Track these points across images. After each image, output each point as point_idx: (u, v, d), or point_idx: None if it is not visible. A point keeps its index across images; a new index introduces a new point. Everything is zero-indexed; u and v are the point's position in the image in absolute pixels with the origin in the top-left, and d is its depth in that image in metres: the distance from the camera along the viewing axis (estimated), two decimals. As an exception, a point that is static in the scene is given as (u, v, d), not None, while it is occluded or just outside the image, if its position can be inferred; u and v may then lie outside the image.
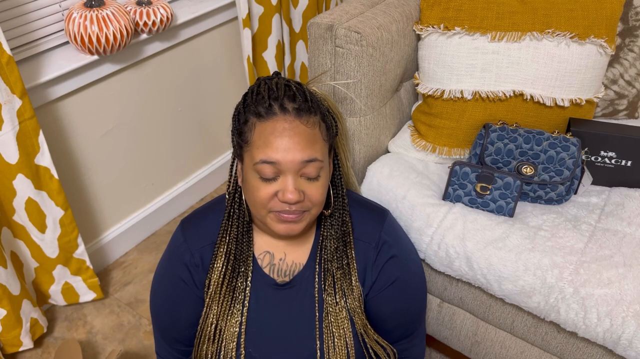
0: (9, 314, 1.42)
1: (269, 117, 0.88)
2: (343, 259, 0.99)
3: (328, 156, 0.94)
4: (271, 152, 0.86)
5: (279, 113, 0.88)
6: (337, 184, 1.01)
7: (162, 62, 1.75)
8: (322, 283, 0.99)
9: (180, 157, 1.98)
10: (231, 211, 1.00)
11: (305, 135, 0.87)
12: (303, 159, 0.86)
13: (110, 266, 1.85)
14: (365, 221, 1.03)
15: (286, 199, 0.86)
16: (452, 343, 1.37)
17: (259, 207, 0.90)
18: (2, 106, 1.25)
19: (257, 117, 0.89)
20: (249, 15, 1.74)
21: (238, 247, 0.99)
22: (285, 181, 0.87)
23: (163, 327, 1.05)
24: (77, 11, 1.42)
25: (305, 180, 0.89)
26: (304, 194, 0.88)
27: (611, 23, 1.24)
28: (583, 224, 1.16)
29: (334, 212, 1.00)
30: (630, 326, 1.00)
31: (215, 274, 0.98)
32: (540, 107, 1.28)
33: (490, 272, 1.13)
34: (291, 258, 1.01)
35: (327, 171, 0.93)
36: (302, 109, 0.88)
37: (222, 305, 0.98)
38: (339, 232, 0.99)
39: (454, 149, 1.34)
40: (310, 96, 0.92)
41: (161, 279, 1.05)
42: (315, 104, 0.92)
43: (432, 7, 1.27)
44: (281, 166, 0.86)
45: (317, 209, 0.92)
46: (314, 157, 0.87)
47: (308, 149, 0.87)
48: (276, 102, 0.88)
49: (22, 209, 1.41)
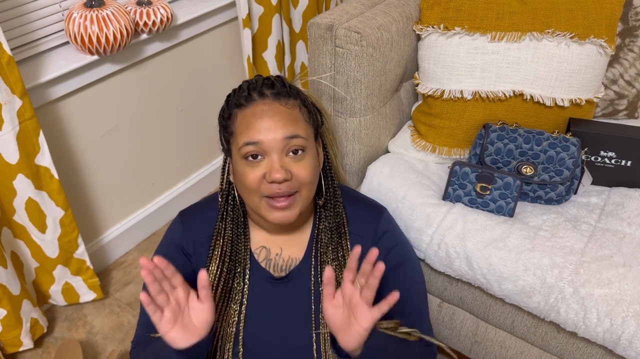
0: (9, 314, 1.42)
1: (249, 104, 0.91)
2: (338, 251, 1.00)
3: (314, 141, 0.96)
4: (253, 134, 0.88)
5: (258, 99, 0.91)
6: (328, 174, 1.03)
7: (162, 62, 1.75)
8: (318, 276, 0.99)
9: (180, 157, 1.98)
10: (224, 212, 1.01)
11: (285, 114, 0.90)
12: (285, 135, 0.88)
13: (110, 266, 1.85)
14: (362, 216, 1.04)
15: (273, 179, 0.87)
16: (452, 343, 1.37)
17: (251, 194, 0.91)
18: (3, 106, 1.25)
19: (238, 107, 0.92)
20: (249, 16, 1.74)
21: (234, 248, 0.99)
22: (271, 161, 0.89)
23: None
24: (77, 11, 1.42)
25: (291, 159, 0.90)
26: (290, 173, 0.89)
27: (611, 23, 1.24)
28: (583, 224, 1.16)
29: (327, 203, 1.01)
30: (630, 326, 1.00)
31: (210, 277, 0.98)
32: (540, 107, 1.28)
33: (490, 272, 1.13)
34: (287, 253, 1.01)
35: (314, 154, 0.94)
36: (281, 93, 0.92)
37: (217, 307, 0.98)
38: (332, 223, 1.00)
39: (454, 149, 1.34)
40: (288, 84, 0.95)
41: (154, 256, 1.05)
42: (294, 90, 0.95)
43: (432, 7, 1.27)
44: (264, 145, 0.88)
45: (307, 191, 0.92)
46: (296, 134, 0.89)
47: (289, 126, 0.89)
48: (255, 91, 0.92)
49: (23, 209, 1.41)
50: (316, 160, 0.95)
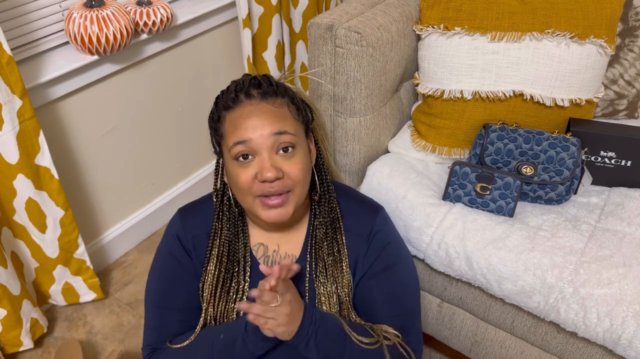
0: (9, 314, 1.42)
1: (236, 106, 0.92)
2: (334, 246, 1.01)
3: (305, 138, 0.96)
4: (241, 133, 0.89)
5: (245, 100, 0.92)
6: (322, 170, 1.03)
7: (162, 62, 1.75)
8: (314, 271, 1.00)
9: (180, 157, 1.98)
10: (220, 212, 1.02)
11: (272, 112, 0.91)
12: (272, 131, 0.89)
13: (110, 266, 1.85)
14: (358, 214, 1.04)
15: (265, 178, 0.88)
16: (452, 343, 1.37)
17: (244, 194, 0.91)
18: (3, 106, 1.25)
19: (226, 109, 0.93)
20: (249, 16, 1.74)
21: (231, 247, 1.00)
22: (261, 160, 0.89)
23: (158, 299, 1.04)
24: (77, 11, 1.42)
25: (281, 157, 0.90)
26: (282, 171, 0.89)
27: (611, 23, 1.24)
28: (583, 224, 1.16)
29: (321, 198, 1.02)
30: (630, 326, 1.00)
31: (209, 278, 0.99)
32: (540, 107, 1.28)
33: (490, 272, 1.13)
34: (284, 250, 1.02)
35: (305, 151, 0.95)
36: (268, 93, 0.93)
37: (217, 307, 0.99)
38: (327, 218, 1.01)
39: (453, 149, 1.34)
40: (275, 83, 0.95)
41: (157, 258, 1.06)
42: (281, 88, 0.95)
43: (432, 7, 1.27)
44: (252, 144, 0.89)
45: (300, 189, 0.93)
46: (284, 130, 0.90)
47: (277, 123, 0.90)
48: (242, 92, 0.93)
49: (23, 209, 1.41)
50: (307, 157, 0.96)
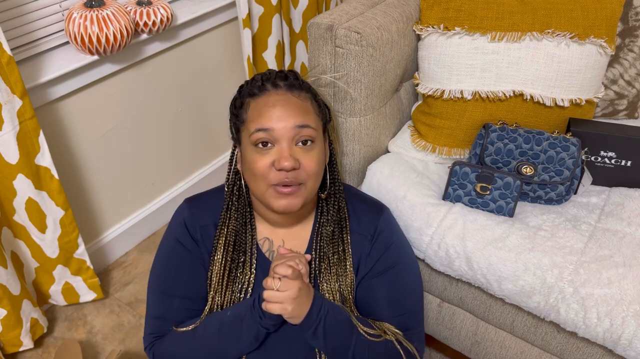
0: (9, 314, 1.42)
1: (262, 93, 0.94)
2: (339, 245, 1.01)
3: (322, 135, 0.98)
4: (265, 121, 0.90)
5: (271, 89, 0.94)
6: (334, 169, 1.04)
7: (162, 62, 1.75)
8: (318, 268, 1.01)
9: (180, 158, 1.98)
10: (230, 203, 1.02)
11: (297, 104, 0.93)
12: (296, 124, 0.90)
13: (110, 266, 1.85)
14: (363, 214, 1.05)
15: (282, 166, 0.89)
16: (452, 343, 1.37)
17: (258, 181, 0.92)
18: (3, 106, 1.25)
19: (251, 96, 0.95)
20: (249, 16, 1.74)
21: (238, 238, 1.01)
22: (281, 149, 0.90)
23: (163, 284, 1.03)
24: (77, 11, 1.42)
25: (300, 149, 0.92)
26: (299, 162, 0.91)
27: (611, 23, 1.24)
28: (583, 224, 1.16)
29: (330, 197, 1.03)
30: (630, 326, 1.00)
31: (217, 267, 1.00)
32: (540, 107, 1.28)
33: (490, 272, 1.13)
34: (289, 245, 1.03)
35: (322, 147, 0.97)
36: (294, 85, 0.95)
37: (224, 296, 1.00)
38: (335, 217, 1.02)
39: (453, 149, 1.34)
40: (301, 78, 0.97)
41: (163, 245, 1.05)
42: (306, 84, 0.98)
43: (432, 7, 1.27)
44: (275, 133, 0.90)
45: (312, 183, 0.94)
46: (307, 124, 0.91)
47: (300, 116, 0.91)
48: (268, 82, 0.95)
49: (23, 209, 1.41)
50: (323, 153, 0.97)
